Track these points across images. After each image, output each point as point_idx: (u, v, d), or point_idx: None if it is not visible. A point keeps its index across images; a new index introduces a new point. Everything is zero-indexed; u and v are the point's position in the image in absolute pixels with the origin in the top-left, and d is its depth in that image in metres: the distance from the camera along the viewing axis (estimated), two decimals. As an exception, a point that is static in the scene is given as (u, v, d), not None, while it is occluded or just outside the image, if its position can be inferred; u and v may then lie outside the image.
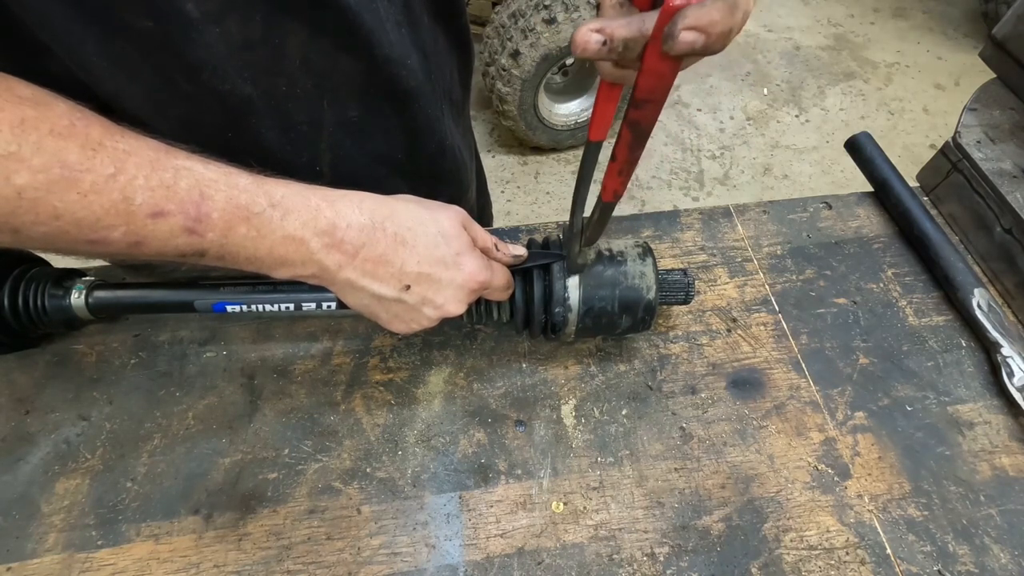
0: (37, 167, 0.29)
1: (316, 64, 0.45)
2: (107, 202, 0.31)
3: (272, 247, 0.36)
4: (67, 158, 0.29)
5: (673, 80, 0.27)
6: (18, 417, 0.49)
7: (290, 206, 0.37)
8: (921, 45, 2.60)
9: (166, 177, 0.32)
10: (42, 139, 0.29)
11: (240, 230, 0.35)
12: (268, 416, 0.50)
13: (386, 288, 0.41)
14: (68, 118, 0.30)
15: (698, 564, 0.44)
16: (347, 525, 0.45)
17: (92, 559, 0.43)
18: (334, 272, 0.39)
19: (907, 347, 0.55)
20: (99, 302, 0.49)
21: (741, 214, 0.65)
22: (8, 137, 0.28)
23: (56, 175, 0.29)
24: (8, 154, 0.28)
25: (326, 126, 0.49)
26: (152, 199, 0.32)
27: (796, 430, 0.50)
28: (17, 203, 0.29)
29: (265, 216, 0.35)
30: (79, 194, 0.30)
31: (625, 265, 0.47)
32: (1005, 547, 0.45)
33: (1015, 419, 0.51)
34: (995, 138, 0.63)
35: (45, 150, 0.29)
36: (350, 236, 0.38)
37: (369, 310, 0.43)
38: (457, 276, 0.42)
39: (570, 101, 2.04)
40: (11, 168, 0.28)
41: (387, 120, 0.53)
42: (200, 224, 0.33)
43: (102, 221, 0.31)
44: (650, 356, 0.54)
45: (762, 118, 2.30)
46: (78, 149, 0.30)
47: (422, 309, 0.42)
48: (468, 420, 0.51)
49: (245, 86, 0.43)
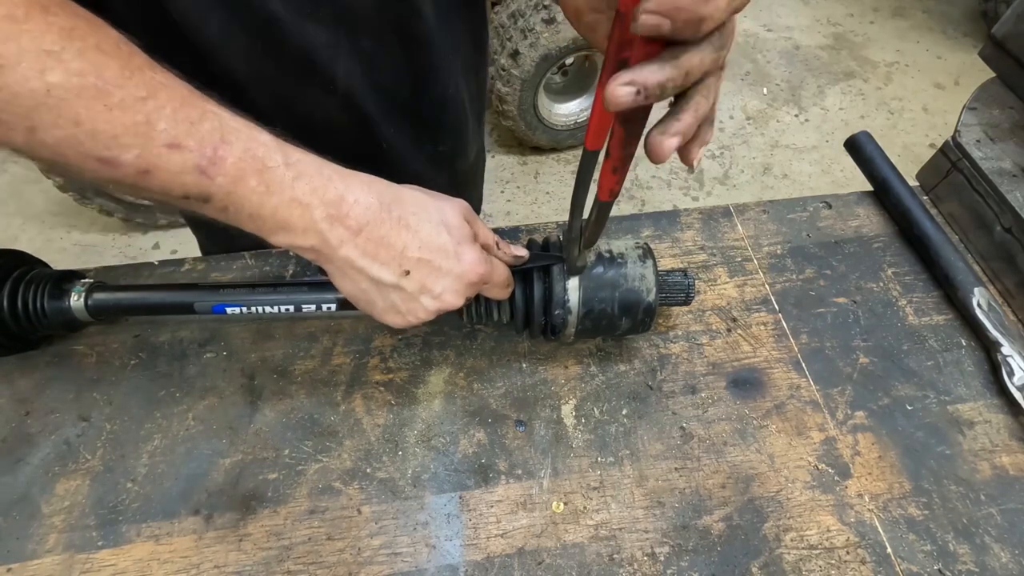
0: (74, 70, 0.29)
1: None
2: (129, 121, 0.31)
3: (277, 207, 0.36)
4: (105, 71, 0.30)
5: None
6: (18, 418, 0.49)
7: (303, 170, 0.37)
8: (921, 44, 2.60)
9: (192, 114, 0.33)
10: (86, 48, 0.30)
11: (250, 182, 0.35)
12: (268, 416, 0.50)
13: (385, 271, 0.40)
14: (115, 41, 0.31)
15: (698, 564, 0.44)
16: (347, 525, 0.45)
17: (92, 560, 0.43)
18: (335, 247, 0.38)
19: (907, 346, 0.55)
20: (98, 304, 0.49)
21: (741, 214, 0.65)
22: (55, 38, 0.29)
23: (89, 83, 0.30)
24: (50, 51, 0.29)
25: (342, 52, 0.51)
26: (174, 130, 0.32)
27: (796, 430, 0.50)
28: (44, 99, 0.29)
29: (278, 173, 0.36)
30: (105, 106, 0.30)
31: (625, 267, 0.47)
32: (1005, 546, 0.45)
33: (1015, 418, 0.51)
34: (995, 137, 0.63)
35: (86, 58, 0.30)
36: (356, 212, 0.38)
37: (366, 297, 0.42)
38: (456, 266, 0.42)
39: (570, 101, 2.04)
40: (48, 64, 0.29)
41: (397, 60, 0.55)
42: (213, 166, 0.34)
43: (119, 139, 0.31)
44: (650, 356, 0.54)
45: (762, 117, 2.30)
46: (118, 67, 0.31)
47: (420, 298, 0.42)
48: (468, 420, 0.51)
49: (272, 4, 0.45)
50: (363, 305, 0.43)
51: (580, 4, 0.41)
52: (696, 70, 0.27)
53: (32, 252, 0.52)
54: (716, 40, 0.27)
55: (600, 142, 0.33)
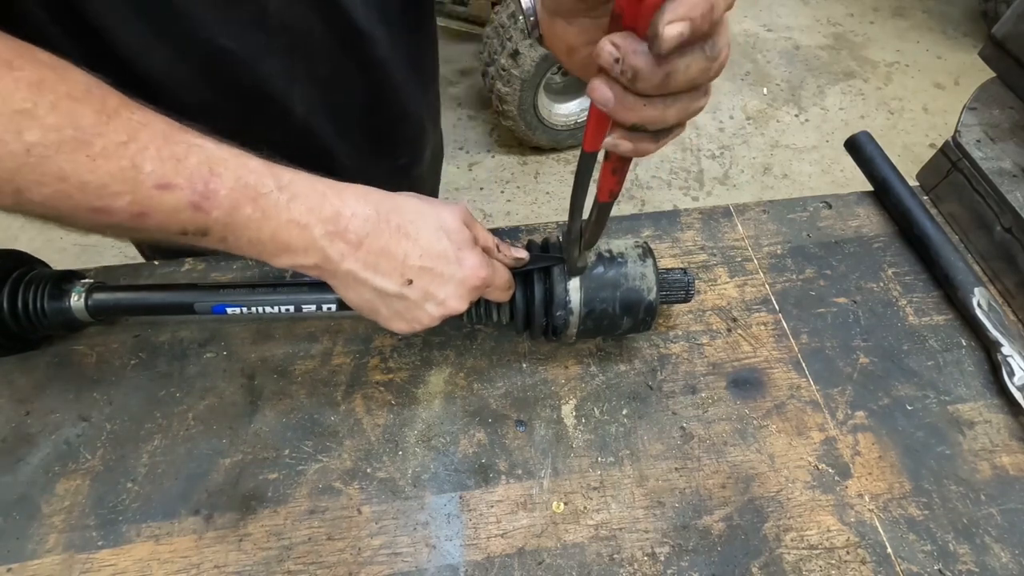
0: (50, 125, 0.29)
1: (293, 26, 0.47)
2: (115, 168, 0.30)
3: (276, 231, 0.36)
4: (81, 121, 0.29)
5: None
6: (18, 418, 0.49)
7: (297, 191, 0.37)
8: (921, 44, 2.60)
9: (177, 151, 0.33)
10: (59, 100, 0.29)
11: (245, 210, 0.35)
12: (268, 416, 0.50)
13: (388, 282, 0.40)
14: (86, 85, 0.30)
15: (699, 564, 0.44)
16: (347, 525, 0.45)
17: (93, 560, 0.43)
18: (336, 262, 0.38)
19: (907, 346, 0.55)
20: (98, 304, 0.49)
21: (741, 214, 0.65)
22: (25, 95, 0.28)
23: (68, 136, 0.29)
24: (23, 110, 0.28)
25: (298, 80, 0.51)
26: (161, 170, 0.32)
27: (796, 430, 0.50)
28: (24, 160, 0.29)
29: (272, 198, 0.35)
30: (88, 157, 0.30)
31: (626, 266, 0.47)
32: (1006, 546, 0.45)
33: (1015, 418, 0.51)
34: (995, 137, 0.63)
35: (60, 110, 0.29)
36: (354, 225, 0.38)
37: (370, 306, 0.42)
38: (458, 271, 0.42)
39: (570, 101, 2.04)
40: (23, 124, 0.28)
41: (355, 84, 0.55)
42: (207, 200, 0.33)
43: (108, 187, 0.31)
44: (650, 356, 0.54)
45: (762, 118, 2.30)
46: (93, 114, 0.30)
47: (424, 305, 0.42)
48: (468, 420, 0.51)
49: (225, 38, 0.45)
50: (368, 314, 0.44)
51: (573, 40, 0.39)
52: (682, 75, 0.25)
53: (32, 252, 0.52)
54: (708, 48, 0.25)
55: (597, 144, 0.33)
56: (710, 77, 0.27)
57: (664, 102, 0.27)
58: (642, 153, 0.30)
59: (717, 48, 0.25)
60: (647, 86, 0.25)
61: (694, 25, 0.22)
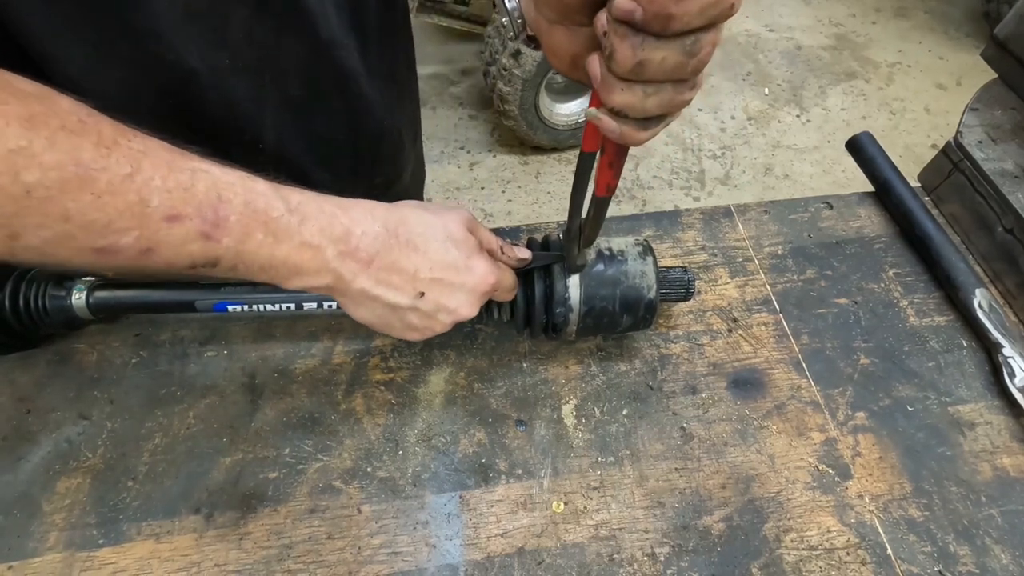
0: (49, 164, 0.26)
1: (260, 41, 0.45)
2: (122, 204, 0.29)
3: (288, 254, 0.35)
4: (81, 156, 0.27)
5: None
6: (19, 416, 0.49)
7: (307, 212, 0.36)
8: (923, 45, 2.60)
9: (183, 179, 0.31)
10: (54, 135, 0.27)
11: (257, 236, 0.33)
12: (269, 415, 0.50)
13: (400, 296, 0.40)
14: (77, 115, 0.28)
15: (698, 564, 0.44)
16: (348, 524, 0.45)
17: (93, 558, 0.43)
18: (348, 281, 0.38)
19: (908, 347, 0.55)
20: (100, 302, 0.49)
21: (742, 214, 0.65)
22: (18, 131, 0.26)
23: (70, 173, 0.27)
24: (18, 149, 0.26)
25: (269, 103, 0.49)
26: (169, 201, 0.30)
27: (797, 430, 0.50)
28: (25, 203, 0.26)
29: (283, 221, 0.34)
30: (93, 195, 0.28)
31: (626, 264, 0.47)
32: (1006, 547, 0.45)
33: (1016, 419, 0.51)
34: (997, 138, 0.63)
35: (58, 147, 0.27)
36: (365, 243, 0.38)
37: (383, 321, 0.42)
38: (469, 280, 0.42)
39: (571, 101, 2.04)
40: (20, 164, 0.26)
41: (329, 101, 0.53)
42: (217, 229, 0.32)
43: (114, 224, 0.29)
44: (651, 356, 0.54)
45: (763, 118, 2.30)
46: (92, 147, 0.28)
47: (437, 316, 0.42)
48: (469, 420, 0.51)
49: (190, 58, 0.42)
50: (380, 328, 0.43)
51: (576, 49, 0.36)
52: (656, 65, 0.26)
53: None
54: (689, 45, 0.25)
55: (596, 144, 0.33)
56: (688, 73, 0.27)
57: (643, 89, 0.27)
58: (630, 141, 0.30)
59: (698, 45, 0.25)
60: (621, 69, 0.26)
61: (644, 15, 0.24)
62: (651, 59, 0.25)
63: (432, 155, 2.11)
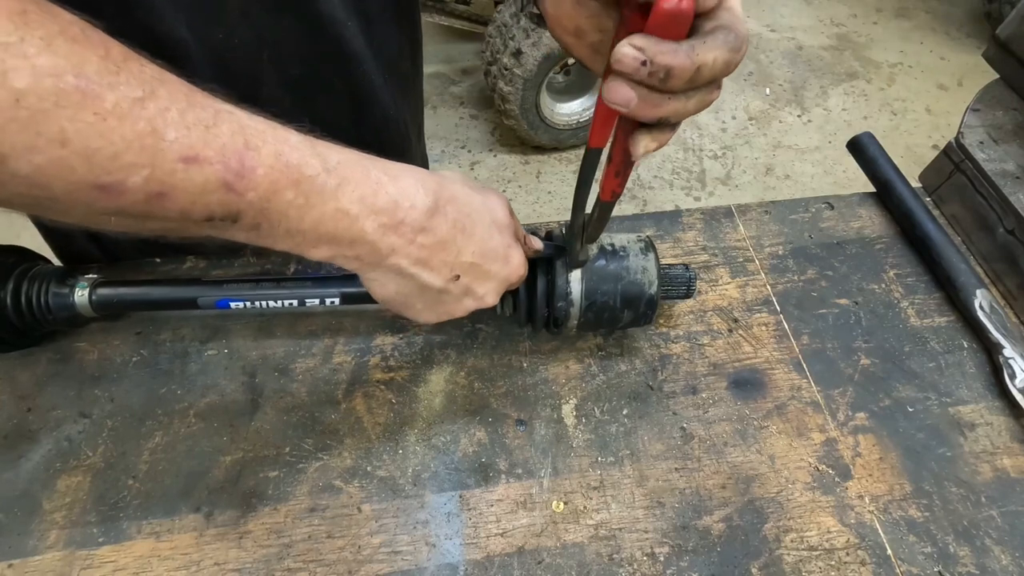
0: (45, 68, 0.22)
1: (256, 18, 0.42)
2: (131, 132, 0.24)
3: (319, 220, 0.31)
4: (84, 67, 0.23)
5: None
6: (20, 414, 0.49)
7: (347, 175, 0.32)
8: (924, 45, 2.59)
9: (204, 116, 0.26)
10: (52, 38, 0.22)
11: (286, 195, 0.29)
12: (269, 414, 0.50)
13: (435, 278, 0.37)
14: (79, 26, 0.24)
15: (698, 564, 0.44)
16: (348, 523, 0.45)
17: (93, 556, 0.43)
18: (384, 256, 0.34)
19: (909, 348, 0.55)
20: (103, 299, 0.49)
21: (743, 214, 0.65)
22: (6, 25, 0.21)
23: (70, 85, 0.22)
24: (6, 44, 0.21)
25: (266, 83, 0.46)
26: (187, 139, 0.26)
27: (797, 430, 0.50)
28: (12, 113, 0.22)
29: (318, 182, 0.30)
30: (97, 115, 0.23)
31: (627, 260, 0.47)
32: (1006, 548, 0.45)
33: (1016, 420, 0.51)
34: (998, 139, 0.63)
35: (56, 50, 0.22)
36: (412, 218, 0.34)
37: (404, 300, 0.39)
38: (503, 269, 0.40)
39: (572, 100, 2.04)
40: (8, 63, 0.21)
41: (330, 83, 0.50)
42: (241, 180, 0.27)
43: (121, 157, 0.24)
44: (651, 356, 0.54)
45: (764, 118, 2.30)
46: (98, 60, 0.23)
47: (462, 300, 0.40)
48: (469, 419, 0.51)
49: (180, 29, 0.39)
50: (395, 307, 0.40)
51: (582, 23, 0.36)
52: (708, 69, 0.26)
53: (34, 249, 0.52)
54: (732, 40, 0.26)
55: (602, 140, 0.33)
56: (732, 68, 0.27)
57: (686, 94, 0.27)
58: (661, 146, 0.30)
59: (739, 40, 0.26)
60: (679, 82, 0.26)
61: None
62: (706, 63, 0.26)
63: (433, 154, 2.11)
